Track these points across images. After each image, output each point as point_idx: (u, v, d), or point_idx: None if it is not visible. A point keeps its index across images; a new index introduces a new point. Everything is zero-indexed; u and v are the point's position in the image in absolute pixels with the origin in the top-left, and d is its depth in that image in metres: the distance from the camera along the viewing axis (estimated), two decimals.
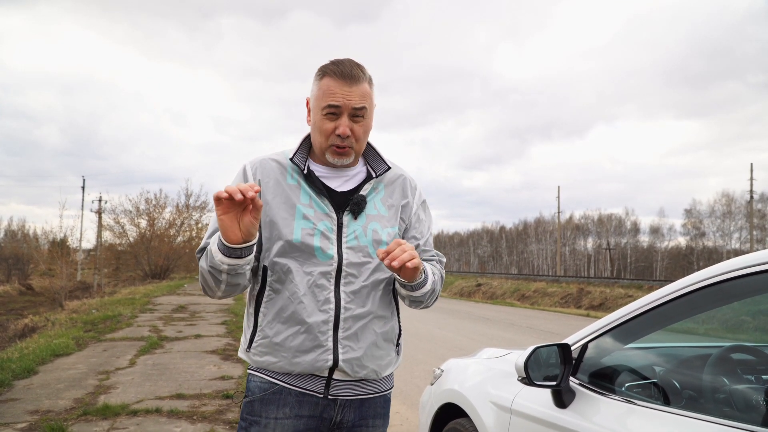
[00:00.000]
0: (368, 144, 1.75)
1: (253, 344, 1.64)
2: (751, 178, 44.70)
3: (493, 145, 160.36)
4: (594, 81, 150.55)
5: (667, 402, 1.82)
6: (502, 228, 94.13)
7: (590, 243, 78.91)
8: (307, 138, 1.73)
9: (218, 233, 1.48)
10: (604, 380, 1.95)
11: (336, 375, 1.62)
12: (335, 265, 1.61)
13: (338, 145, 1.62)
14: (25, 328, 11.97)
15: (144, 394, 5.62)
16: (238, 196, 1.36)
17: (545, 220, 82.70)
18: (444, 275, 1.81)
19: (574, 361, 2.01)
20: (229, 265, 1.48)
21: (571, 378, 1.98)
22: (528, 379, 1.91)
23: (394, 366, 1.75)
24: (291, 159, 1.65)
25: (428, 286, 1.67)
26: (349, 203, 1.66)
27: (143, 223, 37.98)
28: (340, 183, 1.70)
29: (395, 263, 1.47)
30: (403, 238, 1.76)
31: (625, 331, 1.94)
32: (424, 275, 1.65)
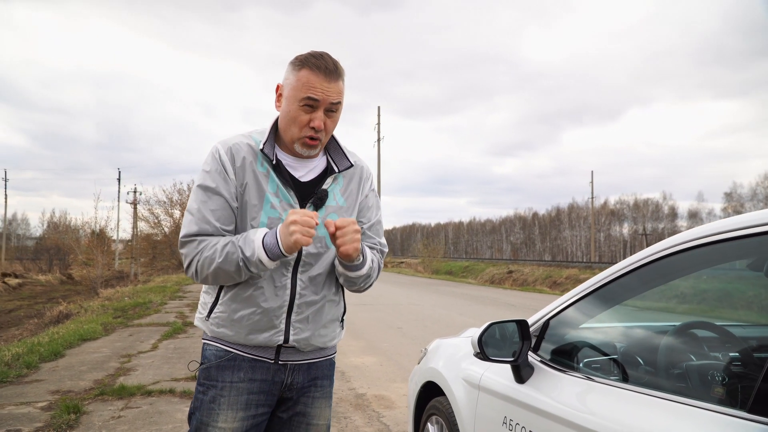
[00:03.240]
0: (331, 136, 1.81)
1: (212, 316, 1.73)
2: None
3: (523, 130, 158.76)
4: (626, 62, 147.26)
5: (626, 379, 1.80)
6: (535, 214, 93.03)
7: (626, 229, 77.47)
8: (275, 124, 1.78)
9: (258, 241, 1.59)
10: (565, 357, 1.94)
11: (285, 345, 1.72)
12: (295, 254, 1.70)
13: (311, 136, 1.68)
14: (59, 314, 12.40)
15: (161, 376, 5.79)
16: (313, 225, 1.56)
17: (579, 205, 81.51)
18: (382, 266, 1.91)
19: (535, 338, 2.00)
20: (271, 268, 1.62)
21: (531, 354, 1.98)
22: (482, 355, 1.92)
23: (338, 339, 1.86)
24: (261, 150, 1.70)
25: (364, 270, 1.76)
26: (311, 195, 1.74)
27: (177, 213, 38.74)
28: (304, 173, 1.77)
29: (337, 242, 1.61)
30: None
31: (586, 306, 1.93)
32: (362, 258, 1.73)
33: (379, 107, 44.20)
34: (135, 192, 42.34)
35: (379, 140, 43.24)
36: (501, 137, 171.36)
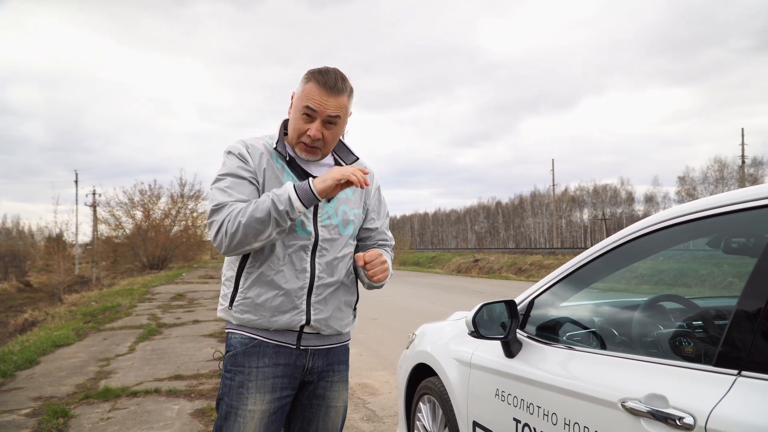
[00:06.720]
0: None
1: (235, 303, 1.86)
2: (743, 143, 44.88)
3: (482, 121, 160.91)
4: (580, 53, 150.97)
5: (603, 347, 2.01)
6: (498, 203, 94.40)
7: (586, 214, 79.33)
8: (283, 125, 1.96)
9: (288, 192, 1.71)
10: (549, 332, 2.14)
11: (306, 329, 1.88)
12: (313, 239, 1.86)
13: (307, 144, 1.85)
14: (24, 322, 12.17)
15: (143, 377, 5.82)
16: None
17: (541, 193, 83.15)
18: (392, 257, 2.10)
19: (522, 316, 2.19)
20: (301, 212, 1.73)
21: (519, 331, 2.17)
22: (476, 333, 2.10)
23: (351, 326, 2.02)
24: (275, 148, 1.88)
25: (388, 279, 1.94)
26: None
27: (139, 214, 38.03)
28: (314, 168, 1.94)
29: (370, 273, 1.82)
30: (364, 218, 2.04)
31: (567, 286, 2.13)
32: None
33: None
34: (94, 194, 41.39)
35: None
36: (461, 128, 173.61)
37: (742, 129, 47.07)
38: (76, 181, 45.52)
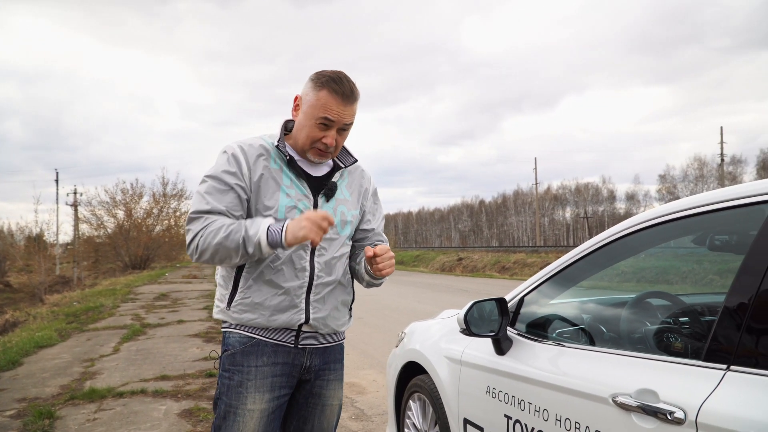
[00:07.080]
0: None
1: (233, 303, 1.86)
2: (722, 142, 45.61)
3: (465, 119, 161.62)
4: (562, 52, 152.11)
5: (593, 343, 2.04)
6: (482, 202, 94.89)
7: (568, 212, 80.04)
8: (284, 125, 1.96)
9: (261, 228, 1.70)
10: (539, 329, 2.17)
11: (304, 328, 1.89)
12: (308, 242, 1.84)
13: (322, 150, 1.86)
14: (6, 323, 11.98)
15: (129, 378, 5.78)
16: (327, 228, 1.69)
17: (523, 192, 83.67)
18: None
19: (512, 314, 2.22)
20: (264, 255, 1.74)
21: (509, 328, 2.20)
22: (468, 331, 2.12)
23: (347, 326, 2.05)
24: (276, 146, 1.88)
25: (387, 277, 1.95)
26: (322, 187, 1.92)
27: (120, 213, 37.64)
28: (314, 169, 1.95)
29: (379, 266, 1.81)
30: (360, 219, 2.05)
31: (556, 283, 2.16)
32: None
33: None
34: (75, 193, 40.83)
35: None
36: (444, 127, 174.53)
37: (721, 127, 47.73)
38: (57, 180, 44.93)
